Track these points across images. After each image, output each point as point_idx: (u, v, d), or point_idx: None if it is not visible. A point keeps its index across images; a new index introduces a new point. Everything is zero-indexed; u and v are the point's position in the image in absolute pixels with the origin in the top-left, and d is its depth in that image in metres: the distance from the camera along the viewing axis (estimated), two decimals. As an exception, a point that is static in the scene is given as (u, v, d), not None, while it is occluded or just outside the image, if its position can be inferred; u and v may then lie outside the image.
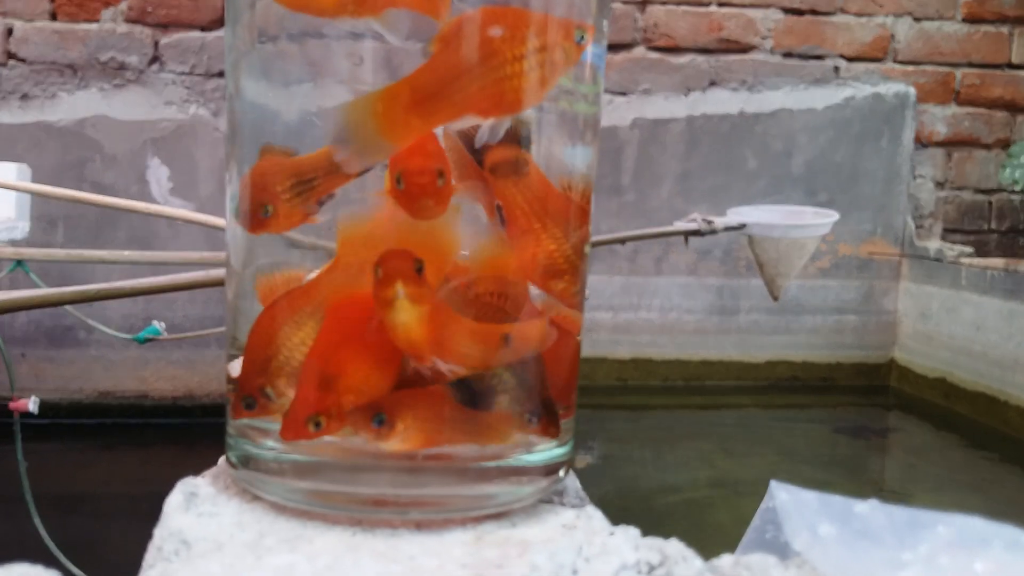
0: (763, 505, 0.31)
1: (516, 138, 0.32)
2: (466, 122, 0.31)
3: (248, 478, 0.33)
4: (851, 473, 2.04)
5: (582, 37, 0.32)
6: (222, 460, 0.36)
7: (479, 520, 0.31)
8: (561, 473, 0.35)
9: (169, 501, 0.32)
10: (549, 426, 0.33)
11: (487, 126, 0.31)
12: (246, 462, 0.33)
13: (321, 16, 0.30)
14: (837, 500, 0.29)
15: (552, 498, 0.34)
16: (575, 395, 0.36)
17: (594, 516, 0.32)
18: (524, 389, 0.32)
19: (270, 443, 0.32)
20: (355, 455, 0.31)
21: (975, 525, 0.28)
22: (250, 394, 0.31)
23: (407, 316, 0.29)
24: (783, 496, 0.29)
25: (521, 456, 0.33)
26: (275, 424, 0.32)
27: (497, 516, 0.32)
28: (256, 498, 0.33)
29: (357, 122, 0.30)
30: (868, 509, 0.28)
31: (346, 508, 0.31)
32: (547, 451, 0.34)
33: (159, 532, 0.30)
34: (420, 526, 0.31)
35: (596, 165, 0.36)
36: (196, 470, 0.36)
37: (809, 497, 0.29)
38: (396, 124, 0.30)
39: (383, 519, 0.31)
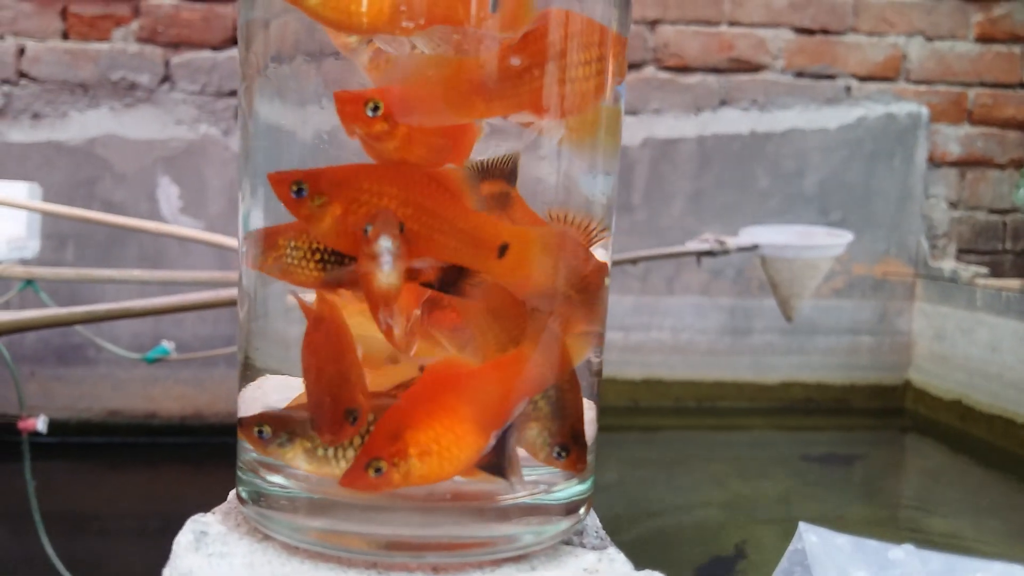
0: (791, 547, 0.29)
1: (502, 172, 0.31)
2: (522, 118, 0.31)
3: (259, 516, 0.32)
4: (866, 496, 2.02)
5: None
6: (232, 495, 0.35)
7: (498, 563, 0.30)
8: (582, 511, 0.33)
9: (179, 540, 0.31)
10: (578, 461, 0.32)
11: (540, 126, 0.30)
12: (257, 498, 0.32)
13: (359, 34, 0.30)
14: (871, 545, 0.27)
15: (572, 538, 0.33)
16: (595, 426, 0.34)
17: (616, 559, 0.31)
18: (557, 418, 0.31)
19: (280, 479, 0.31)
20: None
21: (1017, 574, 0.26)
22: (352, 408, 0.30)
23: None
24: (812, 539, 0.28)
25: (541, 495, 0.32)
26: (283, 461, 0.30)
27: (516, 559, 0.31)
28: (268, 536, 0.32)
29: (421, 76, 0.30)
30: (903, 555, 0.27)
31: (360, 552, 0.30)
32: (568, 488, 0.32)
33: (168, 573, 0.29)
34: (437, 570, 0.30)
35: (616, 192, 0.35)
36: (203, 490, 0.35)
37: (841, 541, 0.28)
38: (458, 97, 0.30)
39: (399, 563, 0.30)
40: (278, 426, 0.30)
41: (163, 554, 0.32)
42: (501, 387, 0.29)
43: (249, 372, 0.33)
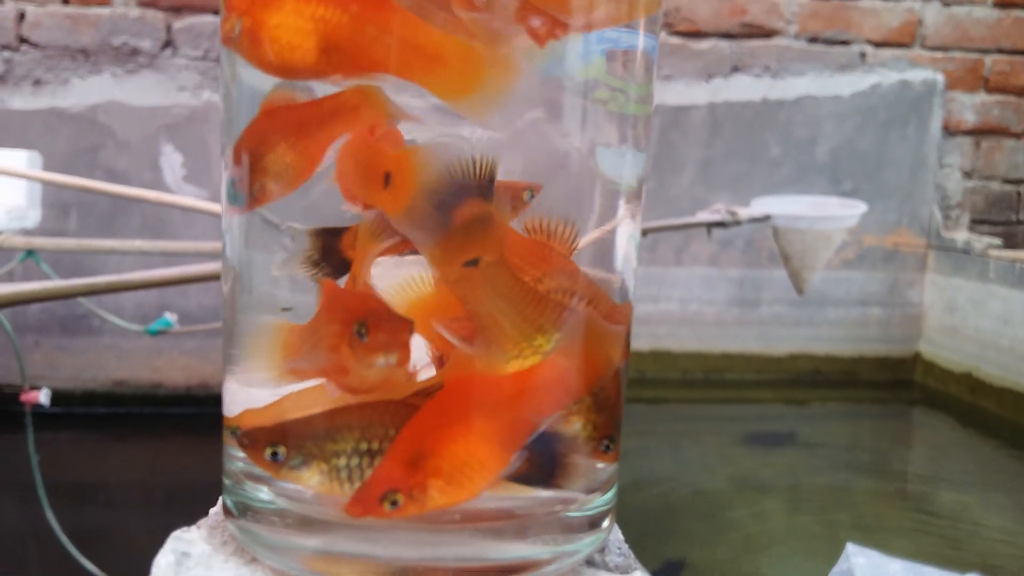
0: (836, 568, 0.26)
1: (487, 191, 0.27)
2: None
3: (246, 534, 0.29)
4: (874, 469, 2.00)
5: None
6: (219, 505, 0.33)
7: (512, 591, 0.27)
8: (605, 524, 0.30)
9: (158, 562, 0.28)
10: (617, 451, 0.29)
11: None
12: (244, 511, 0.29)
13: (296, 79, 0.28)
14: (929, 573, 0.24)
15: (593, 556, 0.30)
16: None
17: (643, 584, 0.28)
18: (603, 409, 0.28)
19: (267, 494, 0.28)
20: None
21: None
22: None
23: None
24: (861, 561, 0.25)
25: (565, 508, 0.29)
26: (298, 484, 0.27)
27: (533, 585, 0.28)
28: (256, 558, 0.29)
29: None
30: (967, 586, 0.24)
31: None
32: (592, 499, 0.29)
33: (146, 598, 0.26)
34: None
35: (647, 174, 0.32)
36: (209, 460, 0.32)
37: (896, 567, 0.25)
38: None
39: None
40: (293, 444, 0.27)
41: (168, 525, 0.30)
42: (533, 398, 0.26)
43: (235, 353, 0.31)
